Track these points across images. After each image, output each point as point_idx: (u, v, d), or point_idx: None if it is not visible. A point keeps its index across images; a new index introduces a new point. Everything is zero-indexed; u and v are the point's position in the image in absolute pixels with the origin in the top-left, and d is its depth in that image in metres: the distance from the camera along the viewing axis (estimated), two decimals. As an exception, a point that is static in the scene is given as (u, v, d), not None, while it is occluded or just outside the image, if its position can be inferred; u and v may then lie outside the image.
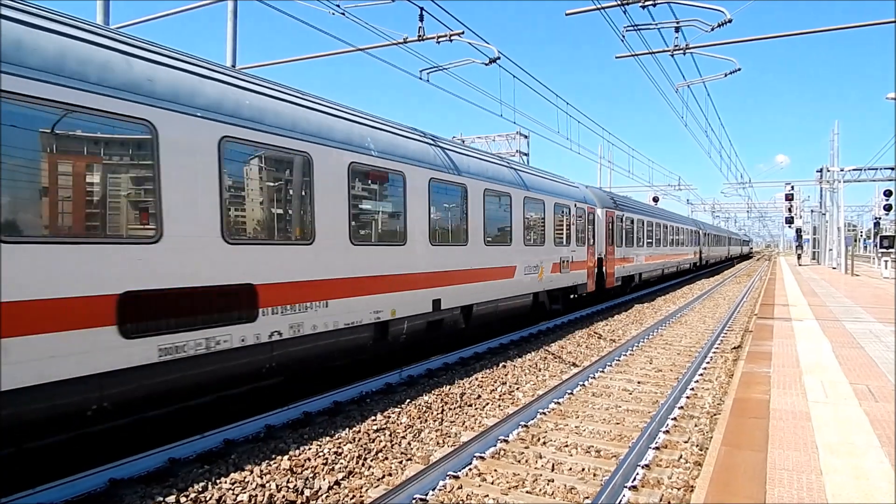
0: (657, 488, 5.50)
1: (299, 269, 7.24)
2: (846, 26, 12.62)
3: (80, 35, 5.32)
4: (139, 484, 5.33)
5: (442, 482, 5.56)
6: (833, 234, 43.18)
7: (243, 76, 7.26)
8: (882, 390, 7.34)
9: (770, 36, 13.00)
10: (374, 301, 8.49)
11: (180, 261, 5.82)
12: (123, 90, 5.41)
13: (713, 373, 10.20)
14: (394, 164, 9.04)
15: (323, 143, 7.71)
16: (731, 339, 13.69)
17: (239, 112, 6.60)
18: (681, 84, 16.95)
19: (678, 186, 51.56)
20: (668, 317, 17.48)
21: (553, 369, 10.65)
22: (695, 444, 6.56)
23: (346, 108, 8.74)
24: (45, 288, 4.76)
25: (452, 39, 11.61)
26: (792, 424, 6.05)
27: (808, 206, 58.23)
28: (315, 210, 7.51)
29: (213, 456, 5.97)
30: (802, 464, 5.00)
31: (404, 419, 7.41)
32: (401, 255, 9.16)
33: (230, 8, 12.27)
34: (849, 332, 11.97)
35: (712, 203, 74.44)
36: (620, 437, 6.90)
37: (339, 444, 6.44)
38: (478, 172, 11.57)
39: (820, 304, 17.75)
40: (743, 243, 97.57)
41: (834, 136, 41.56)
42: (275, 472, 5.70)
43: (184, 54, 6.43)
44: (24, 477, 5.09)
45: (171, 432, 6.29)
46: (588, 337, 14.00)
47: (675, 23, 12.08)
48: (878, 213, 41.34)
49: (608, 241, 19.83)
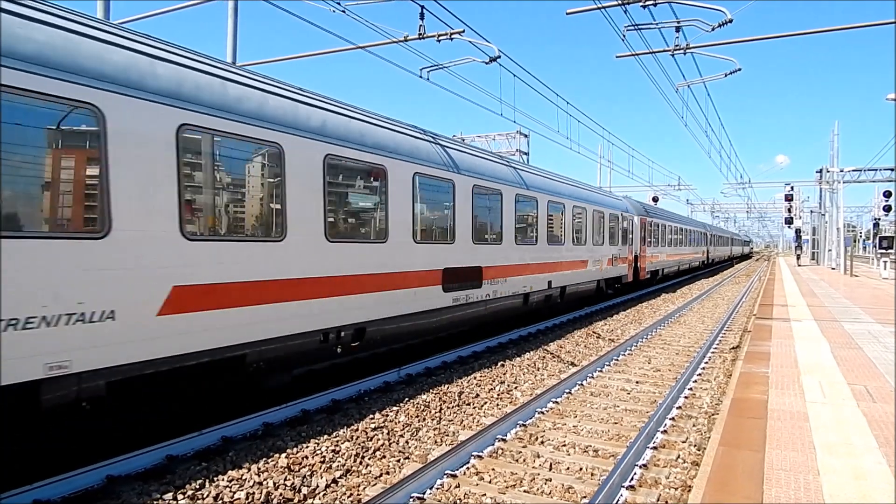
0: (655, 488, 5.50)
1: (497, 258, 12.17)
2: (847, 27, 12.62)
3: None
4: (136, 481, 5.32)
5: (440, 481, 5.56)
6: (832, 235, 43.22)
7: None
8: (880, 391, 7.34)
9: (770, 36, 13.00)
10: (523, 280, 13.39)
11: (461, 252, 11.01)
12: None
13: (711, 373, 10.21)
14: (533, 192, 14.13)
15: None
16: (729, 339, 13.70)
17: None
18: (681, 84, 16.96)
19: (678, 186, 51.60)
20: (666, 316, 17.48)
21: (551, 368, 10.66)
22: (693, 444, 6.56)
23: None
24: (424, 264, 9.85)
25: (453, 38, 11.60)
26: (790, 425, 6.06)
27: (807, 206, 58.25)
28: (503, 220, 12.58)
29: (210, 453, 5.97)
30: (800, 464, 5.00)
31: (402, 418, 7.41)
32: (533, 251, 14.07)
33: (231, 5, 12.26)
34: (847, 333, 11.98)
35: (712, 203, 74.45)
36: (618, 437, 6.90)
37: (337, 443, 6.44)
38: (570, 195, 16.73)
39: (819, 304, 17.76)
40: (744, 244, 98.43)
41: (834, 136, 41.63)
42: (272, 469, 5.70)
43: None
44: (22, 473, 5.09)
45: (169, 429, 6.29)
46: (587, 336, 14.01)
47: (675, 22, 12.08)
48: (877, 213, 41.39)
49: (641, 242, 24.82)
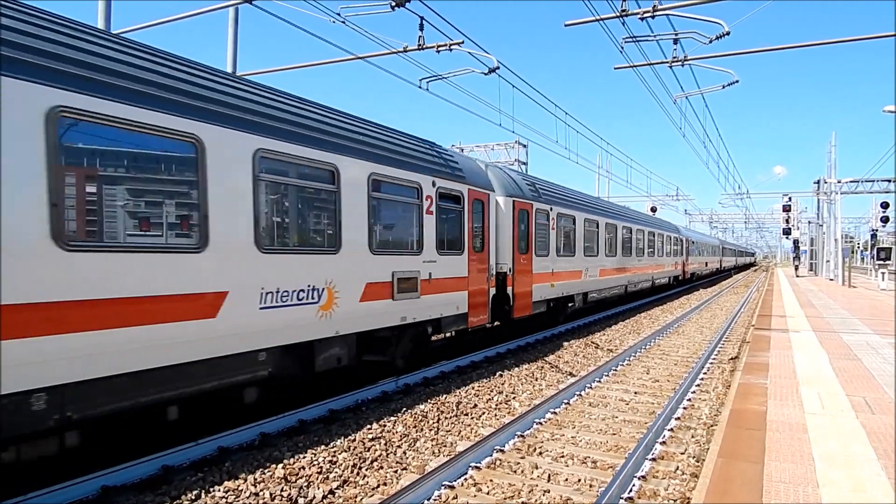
0: (654, 500, 5.47)
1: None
2: (843, 40, 12.73)
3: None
4: (132, 491, 5.28)
5: (437, 492, 5.52)
6: (830, 246, 43.29)
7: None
8: (879, 402, 7.32)
9: (768, 49, 13.10)
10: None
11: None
12: None
13: (710, 384, 10.18)
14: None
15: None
16: (728, 349, 13.67)
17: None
18: (679, 95, 17.07)
19: (676, 197, 51.81)
20: (665, 327, 17.46)
21: (550, 379, 10.62)
22: (691, 456, 6.53)
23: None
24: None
25: (452, 49, 11.69)
26: (789, 436, 6.03)
27: (805, 217, 58.39)
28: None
29: (206, 463, 5.93)
30: (799, 476, 4.98)
31: (400, 428, 7.38)
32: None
33: (231, 15, 12.35)
34: (846, 344, 11.97)
35: (710, 213, 74.63)
36: (617, 448, 6.87)
37: (334, 453, 6.40)
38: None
39: (817, 315, 17.76)
40: (738, 254, 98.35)
41: (831, 147, 41.79)
42: (269, 480, 5.66)
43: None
44: (16, 483, 5.05)
45: (165, 439, 6.25)
46: (585, 347, 13.98)
47: (673, 35, 12.17)
48: (875, 224, 41.48)
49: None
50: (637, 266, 24.40)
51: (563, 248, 16.07)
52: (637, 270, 24.37)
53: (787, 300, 23.48)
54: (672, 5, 11.23)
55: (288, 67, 14.64)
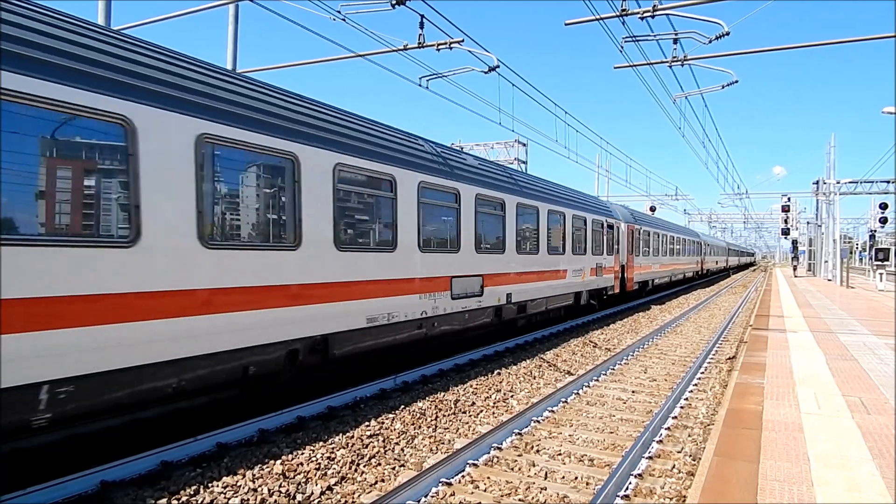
0: (650, 498, 5.50)
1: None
2: (843, 40, 12.75)
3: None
4: (131, 486, 5.30)
5: (435, 489, 5.55)
6: (829, 246, 43.36)
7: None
8: (875, 403, 7.36)
9: (767, 49, 13.11)
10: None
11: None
12: None
13: (707, 383, 10.22)
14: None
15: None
16: (725, 349, 13.71)
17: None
18: (678, 95, 17.09)
19: (675, 196, 51.84)
20: (663, 326, 17.50)
21: (548, 377, 10.66)
22: (688, 454, 6.57)
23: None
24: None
25: (452, 47, 11.70)
26: (784, 436, 6.07)
27: (804, 217, 58.45)
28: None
29: (205, 459, 5.96)
30: (794, 475, 5.01)
31: (398, 425, 7.40)
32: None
33: (231, 12, 12.34)
34: (843, 345, 12.01)
35: (709, 213, 74.63)
36: (614, 447, 6.90)
37: (333, 450, 6.43)
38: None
39: (815, 315, 17.80)
40: (740, 254, 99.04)
41: (830, 148, 41.81)
42: (267, 476, 5.68)
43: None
44: (14, 478, 5.07)
45: (164, 435, 6.27)
46: (583, 345, 14.02)
47: (673, 34, 12.19)
48: (873, 225, 41.57)
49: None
50: (677, 263, 35.92)
51: (645, 251, 26.31)
52: (677, 266, 35.99)
53: (785, 300, 23.53)
54: (672, 5, 11.24)
55: (288, 65, 14.67)
